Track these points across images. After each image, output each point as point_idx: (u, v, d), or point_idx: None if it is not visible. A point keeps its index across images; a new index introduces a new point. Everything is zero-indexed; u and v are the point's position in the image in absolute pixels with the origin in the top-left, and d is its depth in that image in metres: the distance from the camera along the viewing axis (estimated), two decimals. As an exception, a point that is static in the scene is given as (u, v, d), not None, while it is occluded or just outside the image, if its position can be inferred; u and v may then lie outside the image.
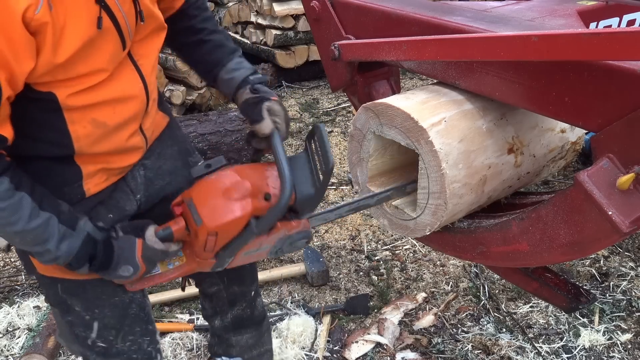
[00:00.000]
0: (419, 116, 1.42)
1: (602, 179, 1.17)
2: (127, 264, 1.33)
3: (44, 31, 1.11)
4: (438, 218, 1.48)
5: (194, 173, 1.38)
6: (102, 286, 1.45)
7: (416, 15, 1.60)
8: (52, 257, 1.27)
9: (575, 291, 1.72)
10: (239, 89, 1.52)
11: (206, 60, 1.57)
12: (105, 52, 1.24)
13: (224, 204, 1.29)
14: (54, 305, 1.51)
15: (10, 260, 3.32)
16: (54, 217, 1.25)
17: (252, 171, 1.36)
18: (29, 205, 1.21)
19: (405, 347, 2.57)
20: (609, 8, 1.76)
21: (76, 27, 1.16)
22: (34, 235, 1.23)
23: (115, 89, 1.29)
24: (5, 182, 1.18)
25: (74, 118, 1.25)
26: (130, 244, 1.34)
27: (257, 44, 5.96)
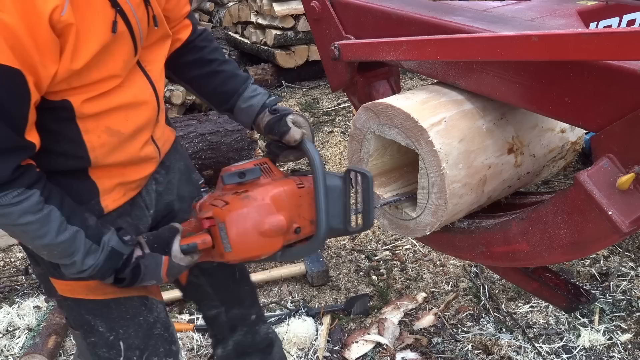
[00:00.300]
0: (419, 116, 1.42)
1: (602, 179, 1.17)
2: (152, 279, 1.33)
3: (68, 34, 1.11)
4: (438, 218, 1.48)
5: (226, 180, 1.35)
6: (127, 306, 1.44)
7: (416, 15, 1.60)
8: (78, 270, 1.26)
9: (575, 291, 1.72)
10: (258, 115, 1.52)
11: (221, 91, 1.56)
12: (119, 57, 1.24)
13: (256, 239, 1.29)
14: (75, 327, 1.48)
15: (10, 260, 3.32)
16: (82, 231, 1.24)
17: (286, 197, 1.33)
18: (57, 219, 1.20)
19: (405, 347, 2.57)
20: (609, 8, 1.76)
21: (94, 31, 1.16)
22: (61, 249, 1.22)
23: (127, 94, 1.29)
24: (35, 195, 1.17)
25: (88, 127, 1.24)
26: (157, 263, 1.32)
27: (257, 44, 5.96)
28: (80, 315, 1.44)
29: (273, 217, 1.29)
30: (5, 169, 1.12)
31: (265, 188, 1.33)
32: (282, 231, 1.30)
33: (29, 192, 1.16)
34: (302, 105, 5.31)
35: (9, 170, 1.13)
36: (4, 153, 1.12)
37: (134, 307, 1.46)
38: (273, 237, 1.30)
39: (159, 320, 1.51)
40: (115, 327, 1.44)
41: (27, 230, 1.18)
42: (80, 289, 1.39)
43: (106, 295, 1.40)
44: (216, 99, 1.58)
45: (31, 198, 1.16)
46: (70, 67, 1.14)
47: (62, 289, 1.41)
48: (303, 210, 1.34)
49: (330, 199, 1.32)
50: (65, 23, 1.09)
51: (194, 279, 1.69)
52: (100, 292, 1.40)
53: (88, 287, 1.38)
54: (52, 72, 1.12)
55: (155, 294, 1.54)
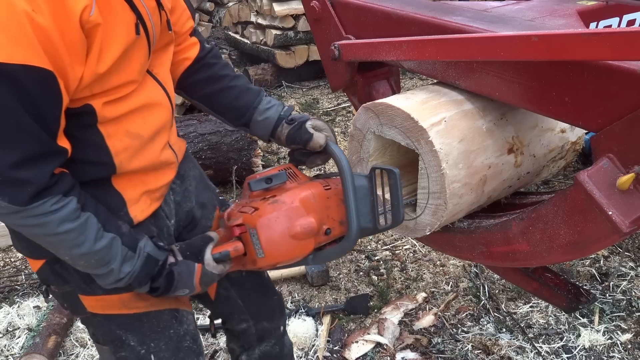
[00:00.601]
0: (419, 116, 1.42)
1: (602, 179, 1.17)
2: (185, 287, 1.32)
3: (95, 34, 1.10)
4: (438, 218, 1.48)
5: (254, 186, 1.35)
6: (159, 319, 1.44)
7: (416, 15, 1.60)
8: (116, 279, 1.25)
9: (575, 291, 1.72)
10: (276, 128, 1.53)
11: (235, 106, 1.56)
12: (137, 62, 1.24)
13: (288, 242, 1.29)
14: (104, 343, 1.47)
15: (10, 261, 3.32)
16: (118, 238, 1.24)
17: (314, 200, 1.34)
18: (94, 226, 1.19)
19: (405, 347, 2.57)
20: (609, 8, 1.76)
21: (118, 33, 1.16)
22: (99, 257, 1.21)
23: (142, 97, 1.29)
24: (73, 202, 1.16)
25: (109, 132, 1.24)
26: (190, 271, 1.31)
27: (257, 44, 5.96)
28: (110, 330, 1.42)
29: (304, 219, 1.29)
30: (43, 175, 1.10)
31: (293, 192, 1.34)
32: (313, 233, 1.30)
33: (66, 199, 1.15)
34: (302, 105, 5.31)
35: (47, 176, 1.11)
36: (41, 158, 1.10)
37: (165, 320, 1.45)
38: (304, 240, 1.30)
39: (189, 333, 1.51)
40: (147, 340, 1.43)
41: (66, 239, 1.16)
42: (113, 304, 1.38)
43: (138, 309, 1.40)
44: (231, 114, 1.58)
45: (69, 205, 1.15)
46: (96, 69, 1.13)
47: (92, 305, 1.39)
48: (332, 212, 1.35)
49: (359, 199, 1.33)
50: (93, 23, 1.09)
51: (223, 292, 1.67)
52: (133, 306, 1.39)
53: (122, 300, 1.38)
54: (79, 75, 1.11)
55: (186, 305, 1.53)
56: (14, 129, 1.05)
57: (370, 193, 1.35)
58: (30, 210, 1.11)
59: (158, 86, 1.36)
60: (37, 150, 1.09)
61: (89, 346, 2.65)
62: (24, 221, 1.13)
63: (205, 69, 1.56)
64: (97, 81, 1.16)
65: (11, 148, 1.06)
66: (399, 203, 1.32)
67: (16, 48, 1.01)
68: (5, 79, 1.02)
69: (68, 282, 1.37)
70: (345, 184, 1.32)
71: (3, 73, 1.01)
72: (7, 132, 1.05)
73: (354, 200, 1.31)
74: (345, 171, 1.33)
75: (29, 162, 1.08)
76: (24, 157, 1.07)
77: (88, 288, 1.35)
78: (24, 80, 1.03)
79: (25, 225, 1.14)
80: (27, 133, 1.07)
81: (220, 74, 1.57)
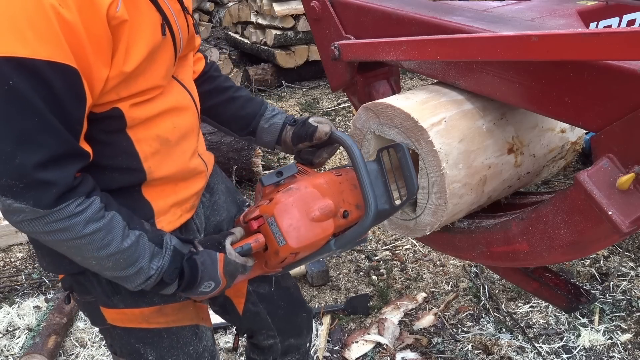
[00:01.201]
0: (419, 116, 1.42)
1: (602, 179, 1.17)
2: (210, 279, 1.27)
3: (121, 31, 1.08)
4: (438, 218, 1.48)
5: (265, 181, 1.35)
6: (179, 335, 1.42)
7: (416, 15, 1.60)
8: (145, 277, 1.21)
9: (575, 291, 1.72)
10: (282, 132, 1.57)
11: (241, 115, 1.59)
12: (163, 65, 1.22)
13: (308, 224, 1.28)
14: (121, 355, 1.46)
15: (10, 261, 3.32)
16: (144, 234, 1.21)
17: (328, 185, 1.34)
18: (120, 224, 1.16)
19: (405, 347, 2.57)
20: (609, 8, 1.76)
21: (144, 31, 1.14)
22: (127, 256, 1.17)
23: (169, 100, 1.27)
24: (97, 202, 1.13)
25: (139, 136, 1.21)
26: (212, 259, 1.27)
27: (257, 44, 5.96)
28: (129, 343, 1.41)
29: (320, 201, 1.30)
30: (67, 176, 1.07)
31: (305, 180, 1.35)
32: (332, 214, 1.30)
33: (89, 200, 1.12)
34: (302, 105, 5.31)
35: (71, 177, 1.08)
36: (64, 159, 1.07)
37: (185, 336, 1.43)
38: (324, 221, 1.29)
39: (207, 349, 1.50)
40: (165, 356, 1.42)
41: (93, 241, 1.12)
42: (135, 318, 1.36)
43: (159, 325, 1.39)
44: (237, 124, 1.61)
45: (93, 205, 1.12)
46: (123, 68, 1.10)
47: (113, 318, 1.37)
48: (346, 196, 1.35)
49: (373, 180, 1.33)
50: (120, 19, 1.06)
51: (251, 307, 1.66)
52: (154, 321, 1.38)
53: (143, 315, 1.36)
54: (104, 76, 1.09)
55: (206, 321, 1.52)
56: (38, 128, 1.02)
57: (381, 175, 1.35)
58: (55, 214, 1.07)
59: (184, 90, 1.34)
60: (61, 150, 1.05)
61: (89, 346, 2.66)
62: (48, 227, 1.08)
63: (209, 82, 1.58)
64: (124, 83, 1.13)
65: (35, 148, 1.02)
66: (411, 173, 1.31)
67: (41, 43, 0.98)
68: (30, 75, 0.99)
69: (90, 293, 1.35)
70: (356, 165, 1.31)
71: (28, 69, 0.98)
72: (31, 132, 1.02)
73: (367, 177, 1.30)
74: (354, 151, 1.33)
75: (54, 162, 1.05)
76: (49, 158, 1.04)
77: (109, 301, 1.34)
78: (48, 77, 1.00)
79: (50, 231, 1.09)
80: (51, 133, 1.04)
81: (224, 86, 1.60)
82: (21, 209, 1.05)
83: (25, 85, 0.99)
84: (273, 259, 1.31)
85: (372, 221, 1.31)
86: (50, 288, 3.06)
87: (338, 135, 1.43)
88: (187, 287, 1.27)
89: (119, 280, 1.22)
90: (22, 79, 0.98)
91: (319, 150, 1.52)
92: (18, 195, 1.04)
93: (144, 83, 1.17)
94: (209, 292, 1.29)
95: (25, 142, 1.02)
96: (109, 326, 1.40)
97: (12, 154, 1.01)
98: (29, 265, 3.26)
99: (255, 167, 3.81)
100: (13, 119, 1.00)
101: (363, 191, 1.30)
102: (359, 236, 1.33)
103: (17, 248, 3.43)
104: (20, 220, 1.08)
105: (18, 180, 1.03)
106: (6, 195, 1.04)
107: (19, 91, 0.99)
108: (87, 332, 2.74)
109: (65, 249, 1.15)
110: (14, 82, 0.98)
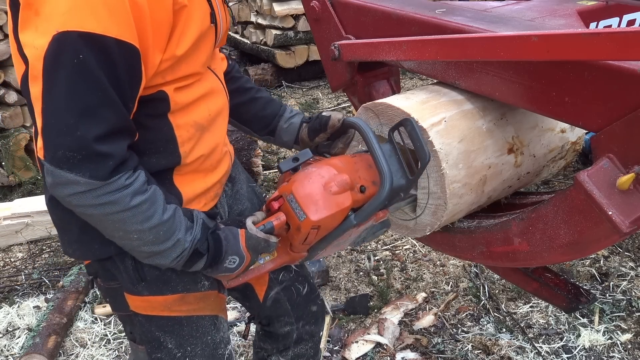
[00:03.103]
0: (419, 116, 1.42)
1: (602, 179, 1.17)
2: (234, 254, 1.30)
3: (180, 16, 1.13)
4: (438, 218, 1.48)
5: (283, 167, 1.39)
6: (198, 324, 1.45)
7: (416, 15, 1.60)
8: (180, 250, 1.24)
9: (575, 291, 1.72)
10: (299, 131, 1.63)
11: (262, 115, 1.65)
12: (204, 52, 1.27)
13: (326, 197, 1.31)
14: (140, 343, 1.48)
15: (10, 261, 3.32)
16: (178, 207, 1.25)
17: (343, 164, 1.38)
18: (161, 196, 1.21)
19: (405, 347, 2.57)
20: (609, 8, 1.75)
21: (196, 18, 1.19)
22: (166, 228, 1.21)
23: (205, 86, 1.32)
24: (142, 175, 1.18)
25: (178, 122, 1.26)
26: (234, 234, 1.31)
27: (257, 44, 5.96)
28: (150, 331, 1.42)
29: (337, 176, 1.34)
30: (122, 149, 1.12)
31: (320, 161, 1.40)
32: (348, 186, 1.34)
33: (136, 173, 1.16)
34: (302, 105, 5.31)
35: (124, 151, 1.13)
36: (120, 133, 1.12)
37: (204, 326, 1.46)
38: (341, 194, 1.33)
39: (223, 340, 1.52)
40: (184, 344, 1.44)
41: (138, 213, 1.16)
42: (157, 306, 1.38)
43: (181, 313, 1.41)
44: (258, 123, 1.66)
45: (139, 178, 1.16)
46: (175, 52, 1.15)
47: (136, 305, 1.39)
48: (362, 174, 1.38)
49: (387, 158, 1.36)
50: (181, 4, 1.11)
51: (273, 294, 1.68)
52: (176, 309, 1.40)
53: (166, 303, 1.38)
54: (157, 61, 1.13)
55: (224, 313, 1.55)
56: (101, 102, 1.06)
57: (394, 153, 1.38)
58: (107, 186, 1.11)
59: (215, 77, 1.39)
60: (118, 125, 1.10)
61: (89, 346, 2.66)
62: (99, 199, 1.12)
63: (233, 82, 1.63)
64: (171, 68, 1.18)
65: (97, 121, 1.06)
66: (421, 143, 1.32)
67: (112, 22, 1.03)
68: (100, 51, 1.03)
69: (116, 279, 1.38)
70: (370, 143, 1.35)
71: (98, 44, 1.03)
72: (95, 106, 1.06)
73: (382, 153, 1.33)
74: (367, 133, 1.36)
75: (112, 136, 1.09)
76: (107, 131, 1.08)
77: (134, 288, 1.36)
78: (115, 55, 1.05)
79: (99, 204, 1.12)
80: (112, 107, 1.08)
81: (246, 87, 1.66)
82: (76, 181, 1.08)
83: (93, 60, 1.03)
84: (296, 237, 1.34)
85: (388, 191, 1.33)
86: (50, 288, 3.06)
87: (351, 120, 1.46)
88: (213, 262, 1.30)
89: (154, 256, 1.25)
90: (91, 54, 1.03)
91: (335, 141, 1.57)
92: (75, 167, 1.07)
93: (186, 68, 1.22)
94: (234, 268, 1.32)
95: (88, 115, 1.05)
96: (131, 313, 1.42)
97: (74, 126, 1.05)
98: (29, 265, 3.26)
99: (255, 167, 3.81)
100: (80, 92, 1.04)
101: (377, 164, 1.34)
102: (378, 206, 1.34)
103: (17, 248, 3.43)
104: (72, 193, 1.11)
105: (77, 152, 1.06)
106: (62, 167, 1.07)
107: (88, 65, 1.03)
108: (87, 332, 2.74)
109: (110, 223, 1.18)
110: (84, 56, 1.02)
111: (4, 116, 3.84)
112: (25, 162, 3.94)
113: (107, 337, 2.71)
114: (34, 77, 1.06)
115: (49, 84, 1.04)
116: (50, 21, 1.02)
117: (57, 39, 1.01)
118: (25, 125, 3.98)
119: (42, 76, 1.04)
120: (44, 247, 3.43)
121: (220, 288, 1.48)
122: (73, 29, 1.01)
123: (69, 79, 1.03)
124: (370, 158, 1.37)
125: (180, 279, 1.37)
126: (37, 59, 1.04)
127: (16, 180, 3.94)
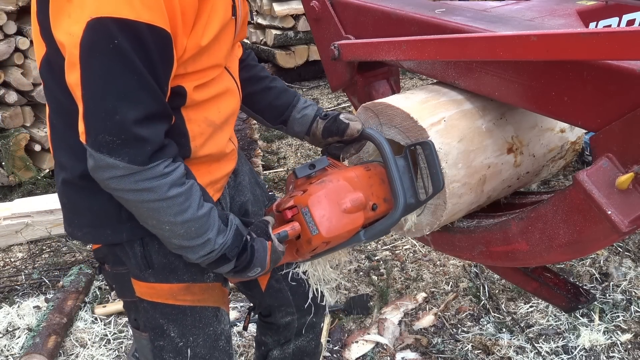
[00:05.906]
0: (419, 116, 1.42)
1: (601, 179, 1.17)
2: (259, 266, 1.33)
3: (205, 5, 1.15)
4: (437, 218, 1.48)
5: (299, 173, 1.41)
6: (201, 315, 1.45)
7: (416, 15, 1.60)
8: (209, 250, 1.25)
9: (574, 291, 1.72)
10: (312, 124, 1.61)
11: (276, 105, 1.64)
12: (224, 45, 1.28)
13: (340, 215, 1.34)
14: (143, 330, 1.48)
15: (10, 261, 3.32)
16: (214, 207, 1.26)
17: (358, 179, 1.40)
18: (198, 192, 1.22)
19: (405, 347, 2.57)
20: (608, 8, 1.76)
21: (219, 9, 1.20)
22: (199, 225, 1.21)
23: (221, 85, 1.33)
24: (181, 167, 1.19)
25: (190, 117, 1.27)
26: (264, 247, 1.33)
27: (257, 44, 5.96)
28: (154, 318, 1.43)
29: (352, 194, 1.36)
30: (159, 134, 1.13)
31: (337, 173, 1.41)
32: (362, 206, 1.36)
33: (175, 164, 1.17)
34: (302, 106, 5.32)
35: (162, 136, 1.14)
36: (158, 117, 1.13)
37: (207, 317, 1.46)
38: (355, 213, 1.35)
39: (224, 332, 1.53)
40: (187, 334, 1.45)
41: (173, 204, 1.17)
42: (163, 293, 1.39)
43: (185, 302, 1.42)
44: (271, 113, 1.65)
45: (178, 169, 1.17)
46: (200, 41, 1.17)
47: (142, 291, 1.40)
48: (375, 190, 1.41)
49: (401, 176, 1.39)
50: None
51: (275, 284, 1.69)
52: (181, 298, 1.41)
53: (172, 291, 1.39)
54: (184, 46, 1.14)
55: (226, 305, 1.55)
56: (138, 86, 1.08)
57: (408, 170, 1.41)
58: (146, 172, 1.12)
59: (231, 78, 1.40)
60: (155, 109, 1.11)
61: (89, 346, 2.66)
62: (137, 185, 1.13)
63: (247, 70, 1.62)
64: (192, 58, 1.19)
65: (135, 105, 1.08)
66: (438, 170, 1.36)
67: (145, 7, 1.05)
68: (133, 36, 1.05)
69: (124, 264, 1.38)
70: (387, 161, 1.38)
71: (131, 30, 1.05)
72: (132, 89, 1.08)
73: (397, 172, 1.37)
74: (385, 147, 1.39)
75: (149, 120, 1.11)
76: (145, 115, 1.09)
77: (141, 274, 1.37)
78: (148, 40, 1.07)
79: (137, 189, 1.13)
80: (149, 91, 1.10)
81: (261, 75, 1.65)
82: (115, 165, 1.10)
83: (128, 45, 1.05)
84: (305, 247, 1.37)
85: (400, 214, 1.38)
86: (50, 288, 3.06)
87: (369, 132, 1.47)
88: (241, 270, 1.32)
89: (183, 250, 1.26)
90: (126, 39, 1.05)
91: (347, 145, 1.56)
92: (114, 151, 1.09)
93: (207, 60, 1.23)
94: (254, 275, 1.35)
95: (126, 99, 1.08)
96: (137, 299, 1.43)
97: (113, 110, 1.07)
98: (29, 265, 3.26)
99: (255, 167, 3.81)
100: (117, 76, 1.07)
101: (393, 186, 1.38)
102: (388, 228, 1.40)
103: (17, 248, 3.43)
104: (111, 177, 1.12)
105: (116, 136, 1.08)
106: (102, 151, 1.09)
107: (123, 50, 1.05)
108: (87, 332, 2.74)
109: (145, 211, 1.19)
110: (119, 42, 1.05)
111: (4, 116, 3.84)
112: (25, 162, 3.94)
113: (107, 337, 2.71)
114: (72, 64, 1.08)
115: (87, 70, 1.07)
116: (83, 8, 1.05)
117: (91, 25, 1.04)
118: (25, 125, 3.98)
119: (80, 63, 1.07)
120: (44, 247, 3.43)
121: (224, 281, 1.49)
122: (106, 15, 1.04)
123: (105, 65, 1.06)
124: (383, 172, 1.41)
125: (187, 268, 1.38)
126: (73, 46, 1.06)
127: (16, 180, 3.94)
